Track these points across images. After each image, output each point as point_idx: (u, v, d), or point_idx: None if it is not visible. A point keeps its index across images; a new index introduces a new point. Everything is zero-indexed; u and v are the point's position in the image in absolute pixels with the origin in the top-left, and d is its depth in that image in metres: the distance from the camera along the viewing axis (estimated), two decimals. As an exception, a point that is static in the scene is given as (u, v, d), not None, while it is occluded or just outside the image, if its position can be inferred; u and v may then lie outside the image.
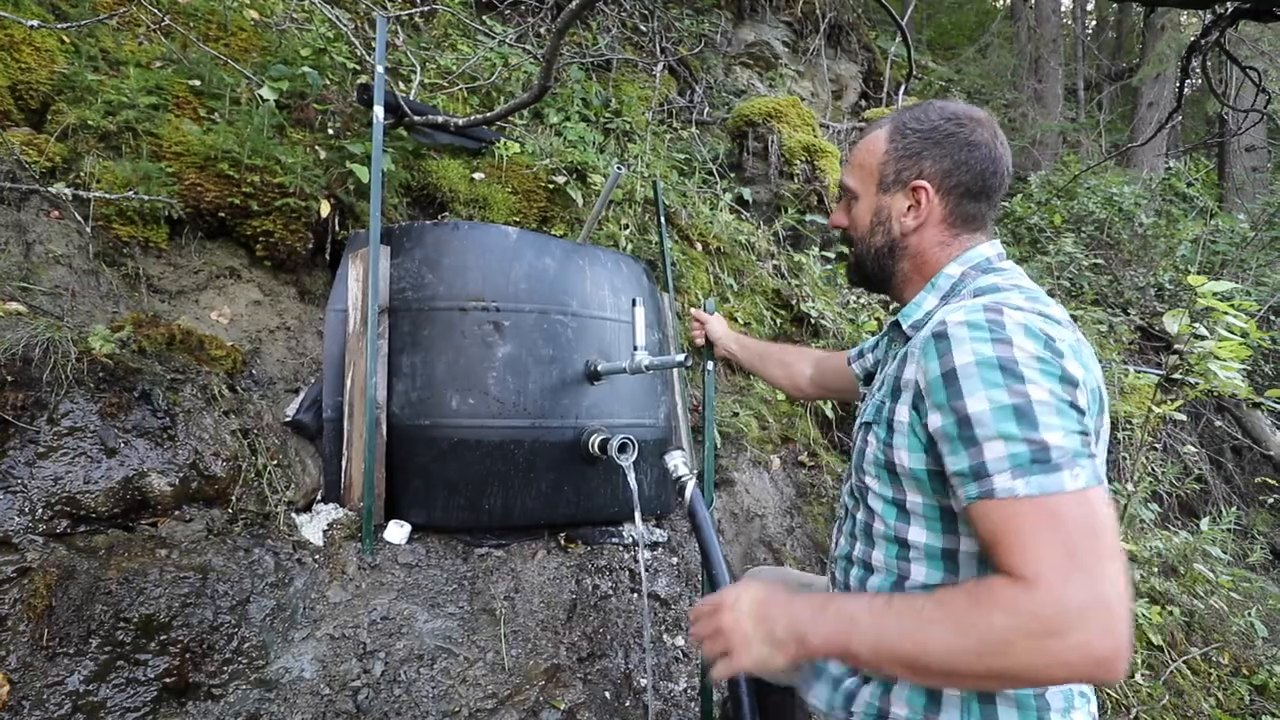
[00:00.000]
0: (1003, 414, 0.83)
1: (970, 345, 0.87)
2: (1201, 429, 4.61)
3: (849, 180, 1.15)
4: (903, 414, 0.96)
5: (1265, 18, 2.04)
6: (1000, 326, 0.87)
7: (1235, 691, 2.64)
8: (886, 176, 1.10)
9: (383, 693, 1.58)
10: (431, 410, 1.90)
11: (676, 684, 1.99)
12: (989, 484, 0.83)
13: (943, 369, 0.89)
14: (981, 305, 0.91)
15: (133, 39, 2.31)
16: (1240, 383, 2.59)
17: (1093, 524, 0.78)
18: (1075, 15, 11.70)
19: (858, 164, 1.14)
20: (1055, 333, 0.89)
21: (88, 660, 1.34)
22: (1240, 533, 3.89)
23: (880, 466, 1.01)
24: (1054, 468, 0.80)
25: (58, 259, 1.81)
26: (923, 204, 1.07)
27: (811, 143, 3.86)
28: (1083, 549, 0.76)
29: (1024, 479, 0.80)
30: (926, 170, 1.06)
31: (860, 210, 1.14)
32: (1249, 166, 8.09)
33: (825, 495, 2.85)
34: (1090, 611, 0.73)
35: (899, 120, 1.10)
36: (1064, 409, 0.83)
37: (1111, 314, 4.66)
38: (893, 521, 1.01)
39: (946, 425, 0.88)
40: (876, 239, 1.12)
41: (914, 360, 0.95)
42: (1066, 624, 0.73)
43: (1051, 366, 0.85)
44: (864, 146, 1.14)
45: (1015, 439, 0.82)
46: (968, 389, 0.86)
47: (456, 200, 2.60)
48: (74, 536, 1.44)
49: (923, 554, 0.98)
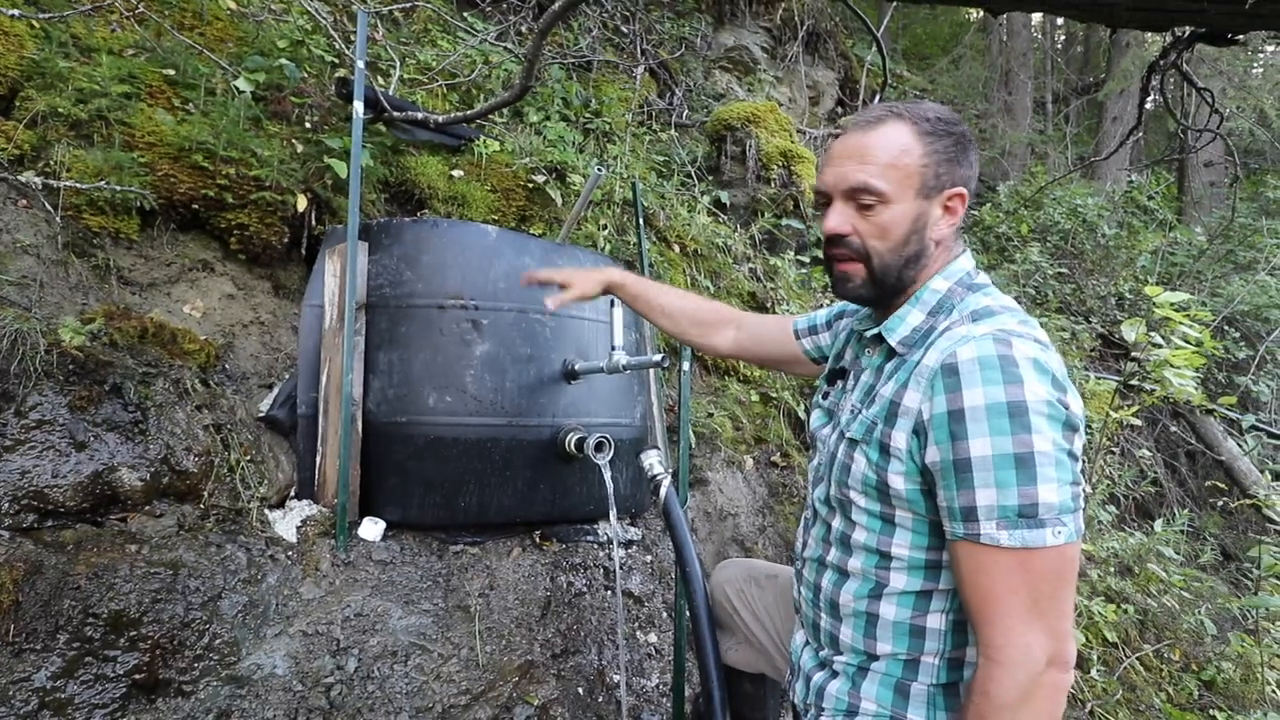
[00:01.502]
0: (1004, 462, 0.86)
1: (982, 387, 0.88)
2: (1157, 434, 4.77)
3: (878, 182, 0.98)
4: (900, 440, 0.96)
5: (1220, 42, 2.13)
6: (1013, 364, 0.88)
7: (1185, 687, 2.74)
8: (928, 181, 1.00)
9: (356, 689, 1.58)
10: (408, 407, 1.90)
11: (649, 680, 2.01)
12: (975, 529, 0.88)
13: (950, 406, 0.89)
14: (991, 337, 0.91)
15: (105, 25, 2.27)
16: (1194, 390, 2.70)
17: (1061, 574, 0.88)
18: (1045, 30, 11.99)
19: (888, 164, 0.99)
20: (1055, 364, 0.91)
21: (55, 656, 1.32)
22: (1192, 534, 4.03)
23: (870, 486, 1.00)
24: (1039, 524, 0.86)
25: (25, 249, 1.77)
26: (958, 212, 1.03)
27: (788, 148, 3.92)
28: (1045, 596, 0.87)
29: (1008, 531, 0.87)
30: (960, 175, 1.02)
31: (894, 216, 1.00)
32: (1207, 181, 8.38)
33: (797, 495, 2.89)
34: (1053, 653, 0.87)
35: (918, 118, 1.01)
36: (1063, 460, 0.87)
37: (1074, 321, 4.81)
38: (877, 534, 1.02)
39: (945, 461, 0.90)
40: (910, 248, 1.01)
41: (918, 388, 0.95)
42: (1039, 680, 0.86)
43: (1057, 411, 0.87)
44: (888, 145, 0.99)
45: (1010, 489, 0.86)
46: (974, 431, 0.87)
47: (435, 197, 2.60)
48: (41, 531, 1.42)
49: (905, 564, 1.00)
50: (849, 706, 1.04)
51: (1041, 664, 0.86)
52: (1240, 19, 2.04)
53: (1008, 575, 0.87)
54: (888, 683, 1.02)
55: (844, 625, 1.07)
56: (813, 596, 1.14)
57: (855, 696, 1.04)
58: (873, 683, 1.03)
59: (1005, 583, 0.87)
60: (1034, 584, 0.86)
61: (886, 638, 1.02)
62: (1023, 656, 0.86)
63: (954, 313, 1.01)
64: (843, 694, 1.05)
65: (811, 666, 1.13)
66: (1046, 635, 0.86)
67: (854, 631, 1.05)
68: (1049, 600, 0.87)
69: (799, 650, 1.19)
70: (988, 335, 0.91)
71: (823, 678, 1.09)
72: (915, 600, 1.00)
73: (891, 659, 1.02)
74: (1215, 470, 4.60)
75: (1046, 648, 0.86)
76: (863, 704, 1.03)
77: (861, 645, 1.05)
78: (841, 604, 1.07)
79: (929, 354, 0.96)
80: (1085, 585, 2.94)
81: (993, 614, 0.88)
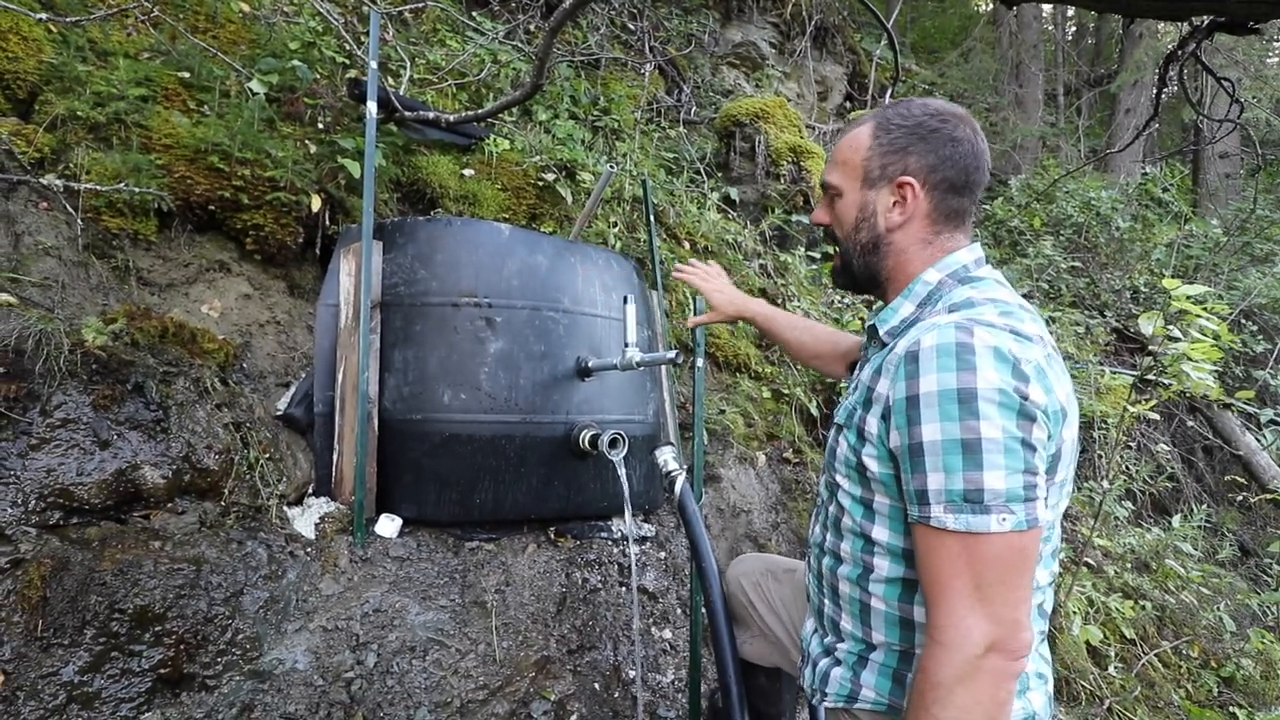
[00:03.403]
0: (951, 447, 0.88)
1: (936, 374, 0.90)
2: (1174, 429, 4.73)
3: (832, 177, 1.14)
4: (872, 425, 1.00)
5: (1239, 31, 2.10)
6: (969, 351, 0.89)
7: (1204, 683, 2.72)
8: (871, 172, 1.09)
9: (376, 684, 1.60)
10: (423, 405, 1.91)
11: (664, 676, 2.02)
12: (926, 510, 0.91)
13: (908, 392, 0.92)
14: (954, 325, 0.92)
15: (121, 30, 2.30)
16: (1212, 384, 2.67)
17: (1008, 561, 0.88)
18: (1056, 22, 11.87)
19: (841, 160, 1.12)
20: (1025, 354, 0.91)
21: (82, 651, 1.34)
22: (1210, 530, 4.00)
23: (851, 468, 1.05)
24: (984, 509, 0.87)
25: (47, 250, 1.80)
26: (909, 200, 1.07)
27: (798, 143, 3.91)
28: (989, 583, 0.87)
29: (954, 515, 0.88)
30: (912, 166, 1.06)
31: (845, 206, 1.13)
32: (1223, 173, 8.29)
33: (810, 491, 2.89)
34: (996, 639, 0.86)
35: (882, 116, 1.10)
36: (1013, 448, 0.87)
37: (1088, 316, 4.77)
38: (859, 519, 1.05)
39: (903, 446, 0.94)
40: (861, 235, 1.11)
41: (887, 375, 0.98)
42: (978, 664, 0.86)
43: (1010, 400, 0.88)
44: (847, 143, 1.12)
45: (956, 474, 0.88)
46: (925, 417, 0.90)
47: (446, 196, 2.61)
48: (67, 528, 1.44)
49: (885, 550, 1.03)
50: (850, 692, 1.08)
51: (980, 648, 0.86)
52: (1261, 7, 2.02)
53: (953, 559, 0.88)
54: (885, 672, 1.05)
55: (843, 612, 1.11)
56: (817, 583, 1.18)
57: (856, 683, 1.07)
58: (871, 672, 1.06)
59: (950, 566, 0.89)
60: (978, 569, 0.87)
61: (880, 627, 1.05)
62: (961, 639, 0.86)
63: (939, 304, 1.04)
64: (845, 680, 1.09)
65: (818, 653, 1.16)
66: (989, 620, 0.86)
67: (852, 619, 1.09)
68: (993, 586, 0.87)
69: (809, 637, 1.22)
70: (951, 324, 0.93)
71: (827, 664, 1.13)
72: (901, 590, 1.02)
73: (887, 649, 1.05)
74: (1233, 465, 4.55)
75: (987, 633, 0.86)
76: (862, 690, 1.06)
77: (860, 633, 1.08)
78: (840, 589, 1.11)
79: (899, 342, 0.99)
80: (1102, 581, 2.92)
81: (938, 596, 0.89)
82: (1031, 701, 1.01)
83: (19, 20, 2.00)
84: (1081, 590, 2.73)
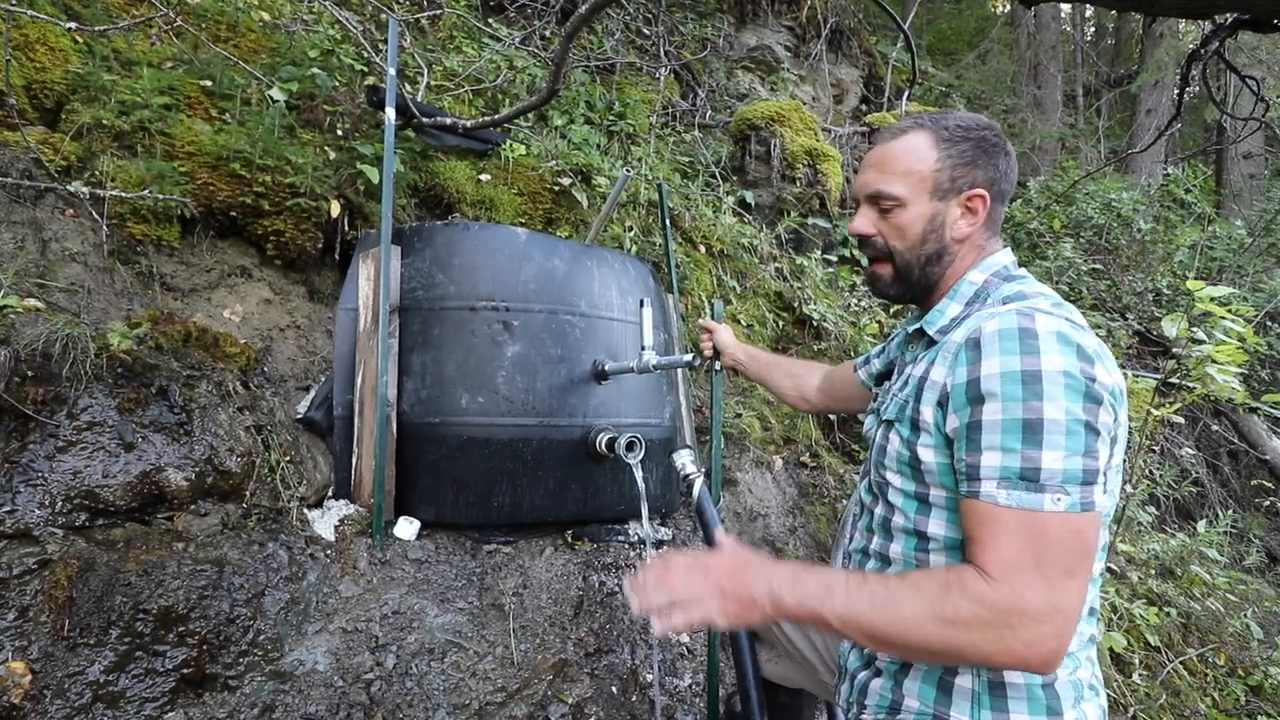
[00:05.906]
0: (1011, 426, 0.87)
1: (999, 358, 0.90)
2: (1199, 433, 4.65)
3: (893, 188, 1.09)
4: (927, 413, 0.99)
5: (1265, 28, 2.07)
6: (1032, 336, 0.90)
7: (1231, 692, 2.67)
8: (942, 184, 1.08)
9: (395, 685, 1.60)
10: (441, 408, 1.92)
11: (682, 680, 2.01)
12: (977, 486, 0.90)
13: (969, 376, 0.92)
14: (1015, 311, 0.94)
15: (144, 39, 2.34)
16: (1237, 387, 2.62)
17: (1066, 543, 0.85)
18: (1074, 22, 11.76)
19: (903, 171, 1.09)
20: (1084, 339, 0.92)
21: (108, 651, 1.36)
22: (1236, 536, 3.92)
23: (904, 463, 1.04)
24: (1039, 488, 0.86)
25: (73, 256, 1.83)
26: (979, 212, 1.09)
27: (813, 147, 3.90)
28: (1049, 561, 0.84)
29: (1007, 491, 0.87)
30: (979, 178, 1.08)
31: (909, 217, 1.09)
32: (1246, 173, 8.15)
33: (827, 495, 2.87)
34: (1043, 615, 0.83)
35: (939, 127, 1.09)
36: (1074, 430, 0.86)
37: (1110, 319, 4.70)
38: (913, 515, 1.04)
39: (960, 426, 0.93)
40: (929, 247, 1.10)
41: (944, 363, 0.98)
42: (1019, 621, 0.83)
43: (1076, 382, 0.87)
44: (905, 153, 1.09)
45: (1014, 452, 0.87)
46: (988, 397, 0.89)
47: (463, 201, 2.63)
48: (93, 529, 1.46)
49: (942, 545, 1.01)
50: (891, 703, 1.04)
51: (1029, 610, 0.82)
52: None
53: (1008, 533, 0.86)
54: (930, 679, 1.01)
55: None
56: None
57: (898, 693, 1.03)
58: (915, 679, 1.02)
59: (1006, 538, 0.86)
60: (1036, 544, 0.85)
61: None
62: (1017, 590, 0.83)
63: (988, 300, 1.06)
64: (886, 691, 1.05)
65: (856, 666, 1.13)
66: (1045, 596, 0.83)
67: None
68: (1053, 566, 0.84)
69: (846, 652, 1.19)
70: (1012, 311, 0.95)
71: (866, 675, 1.09)
72: None
73: None
74: (1260, 470, 4.47)
75: (1040, 605, 0.82)
76: (905, 700, 1.02)
77: None
78: None
79: (956, 332, 1.00)
80: (1126, 588, 2.88)
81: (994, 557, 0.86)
82: (1086, 714, 0.98)
83: (47, 31, 2.04)
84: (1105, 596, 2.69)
